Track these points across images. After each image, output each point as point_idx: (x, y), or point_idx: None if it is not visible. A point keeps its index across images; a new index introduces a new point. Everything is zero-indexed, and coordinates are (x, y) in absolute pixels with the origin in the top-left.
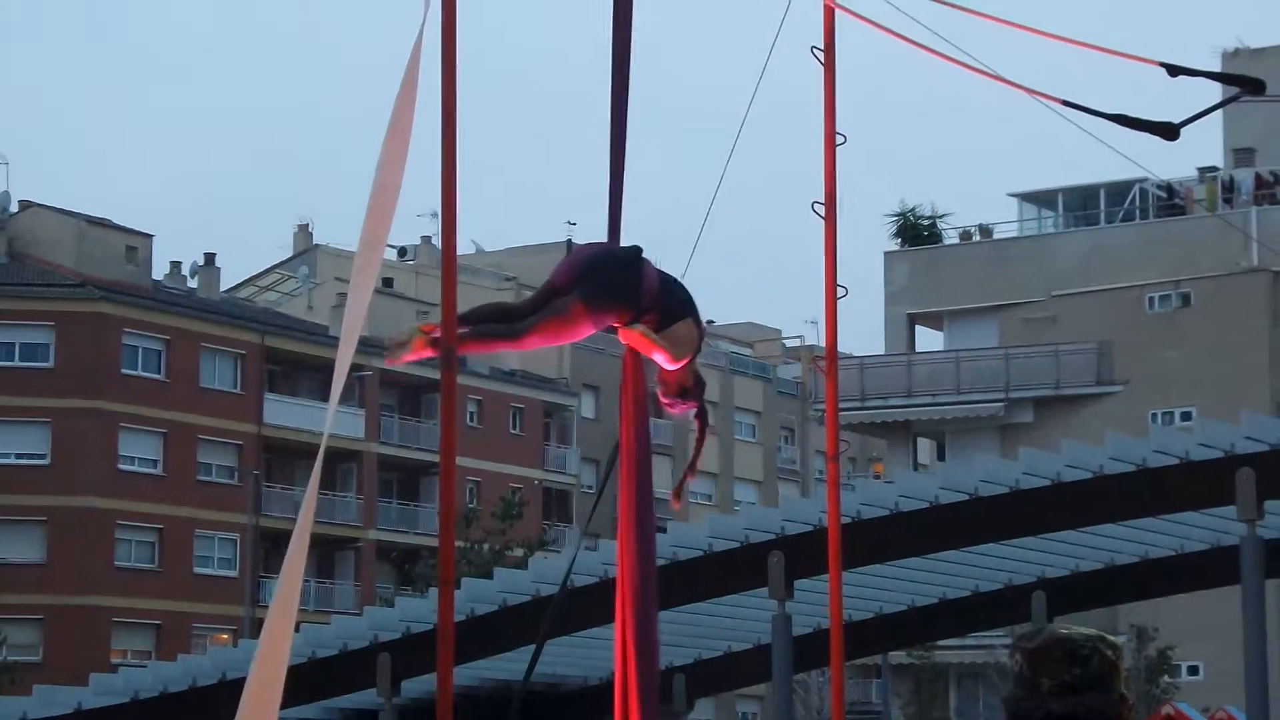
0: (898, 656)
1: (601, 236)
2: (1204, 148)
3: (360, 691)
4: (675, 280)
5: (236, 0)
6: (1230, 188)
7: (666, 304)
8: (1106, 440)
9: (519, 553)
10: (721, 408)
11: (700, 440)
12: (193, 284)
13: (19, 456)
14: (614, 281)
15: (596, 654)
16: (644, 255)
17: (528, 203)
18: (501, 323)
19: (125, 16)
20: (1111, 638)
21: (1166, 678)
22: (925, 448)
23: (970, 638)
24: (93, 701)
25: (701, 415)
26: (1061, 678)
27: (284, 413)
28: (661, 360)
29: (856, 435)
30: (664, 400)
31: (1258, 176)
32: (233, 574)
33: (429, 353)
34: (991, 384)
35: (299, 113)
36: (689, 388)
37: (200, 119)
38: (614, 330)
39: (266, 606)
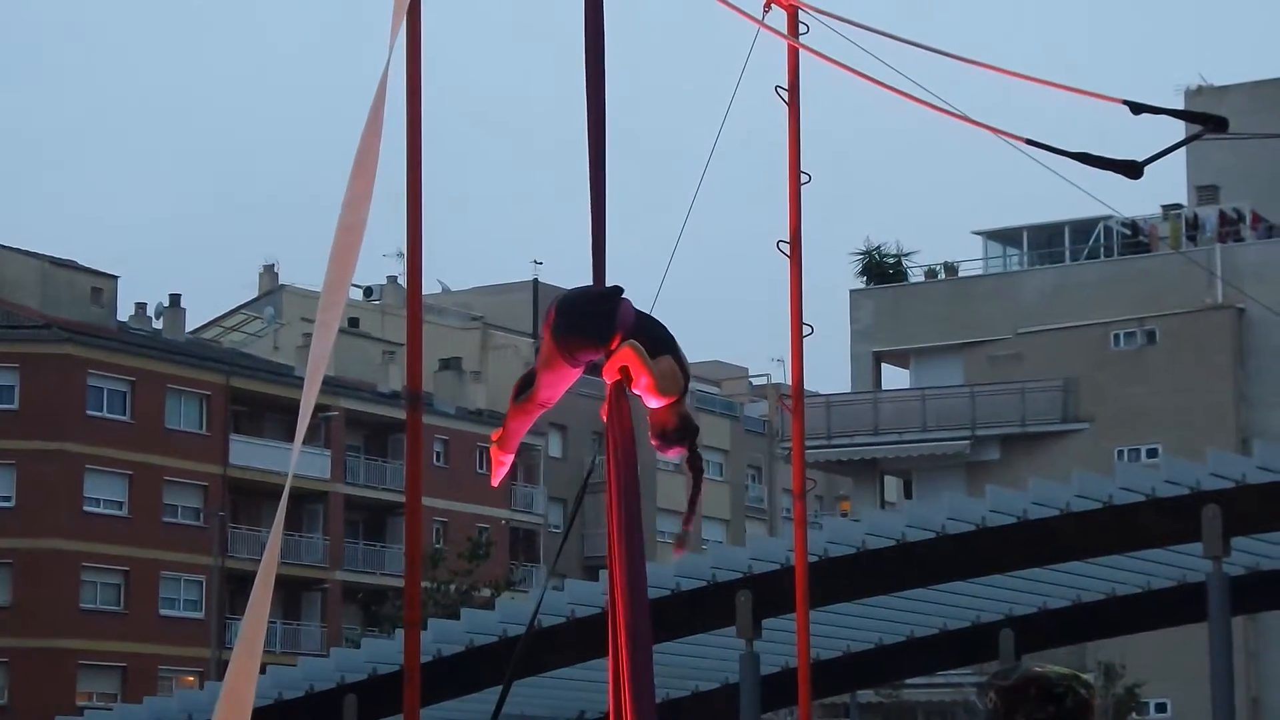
0: (866, 695)
1: (568, 278)
2: (1168, 185)
3: None
4: (656, 321)
5: (200, 41)
6: (1194, 225)
7: (646, 340)
8: (1072, 478)
9: (486, 593)
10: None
11: (693, 488)
12: (158, 325)
13: None
14: (584, 316)
15: (564, 694)
16: (623, 295)
17: (494, 242)
18: (527, 390)
19: (88, 58)
20: (1085, 676)
21: (1134, 715)
22: (892, 485)
23: (938, 676)
24: None
25: (693, 463)
26: (1036, 716)
27: (250, 453)
28: (646, 389)
29: (823, 473)
30: (653, 443)
31: (1221, 214)
32: (199, 616)
33: (508, 456)
34: (957, 422)
35: (264, 153)
36: (669, 430)
37: (165, 160)
38: (596, 369)
39: (232, 648)
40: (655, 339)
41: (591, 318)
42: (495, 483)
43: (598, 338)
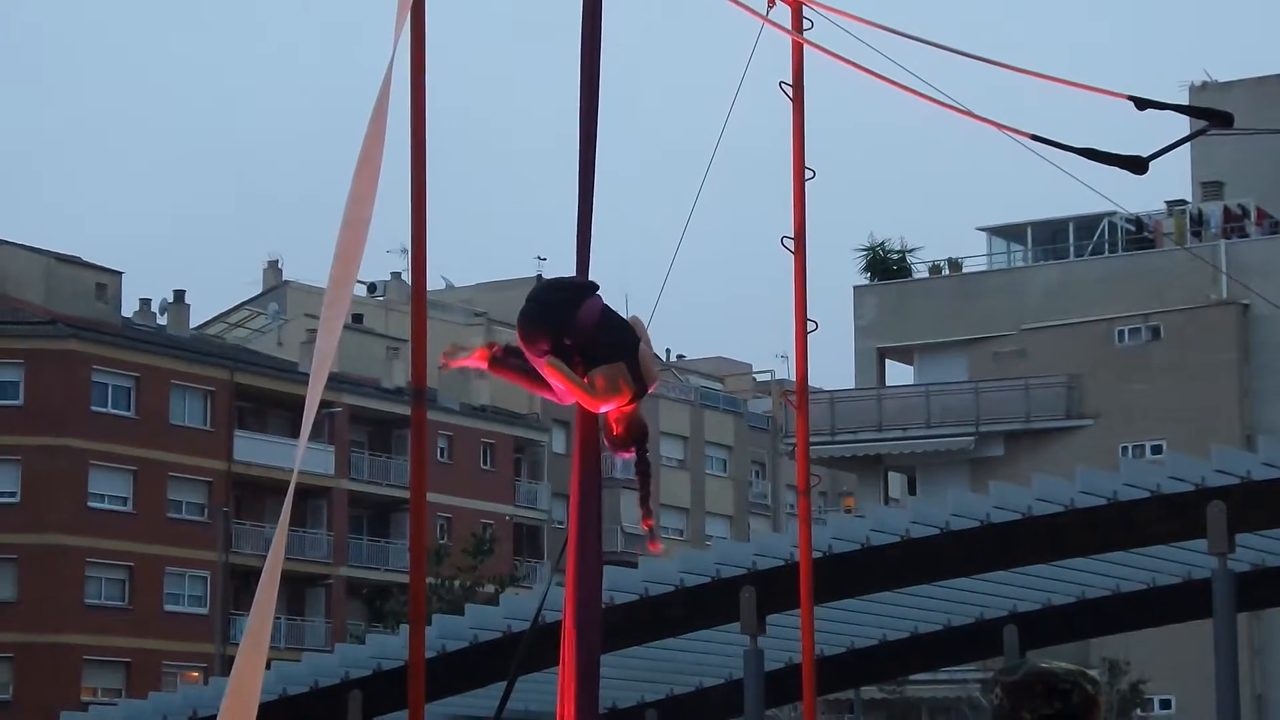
0: (870, 691)
1: (571, 274)
2: (1172, 181)
3: None
4: (621, 323)
5: (204, 37)
6: (1199, 221)
7: (602, 343)
8: (1077, 474)
9: (490, 589)
10: (692, 442)
11: (640, 490)
12: (162, 321)
13: None
14: (543, 305)
15: None
16: (598, 291)
17: (497, 238)
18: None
19: (93, 54)
20: (1091, 672)
21: (1139, 711)
22: (896, 482)
23: (942, 672)
24: None
25: (639, 467)
26: (1042, 712)
27: (254, 449)
28: (582, 401)
29: (827, 469)
30: (605, 442)
31: (1226, 209)
32: (203, 611)
33: (482, 365)
34: (961, 418)
35: (268, 149)
36: (617, 436)
37: (169, 156)
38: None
39: (237, 644)
40: (611, 344)
41: (550, 307)
42: (447, 360)
43: (552, 329)
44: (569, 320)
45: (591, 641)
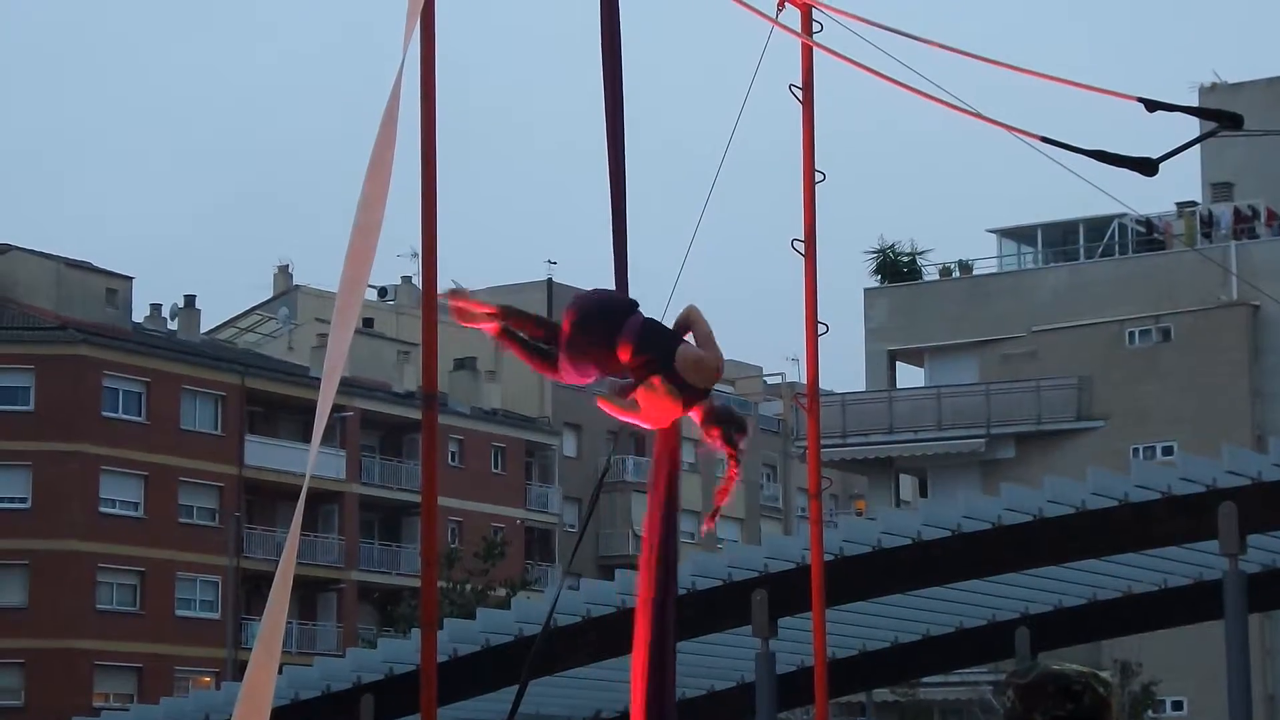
0: (882, 694)
1: (583, 277)
2: (1182, 183)
3: None
4: (659, 334)
5: (213, 42)
6: (1209, 222)
7: (644, 362)
8: (1088, 475)
9: (501, 593)
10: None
11: (728, 474)
12: (173, 326)
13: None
14: (590, 325)
15: (580, 693)
16: (638, 309)
17: (508, 242)
18: (543, 338)
19: (103, 59)
20: (1103, 674)
21: (1150, 713)
22: (907, 484)
23: (954, 674)
24: None
25: (732, 454)
26: (1054, 714)
27: (265, 454)
28: (640, 424)
29: (838, 472)
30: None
31: (1236, 211)
32: (215, 616)
33: (489, 329)
34: (972, 420)
35: (278, 154)
36: (712, 442)
37: (179, 161)
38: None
39: (249, 649)
40: (651, 361)
41: (593, 331)
42: (453, 306)
43: (604, 347)
44: (614, 335)
45: (668, 644)
